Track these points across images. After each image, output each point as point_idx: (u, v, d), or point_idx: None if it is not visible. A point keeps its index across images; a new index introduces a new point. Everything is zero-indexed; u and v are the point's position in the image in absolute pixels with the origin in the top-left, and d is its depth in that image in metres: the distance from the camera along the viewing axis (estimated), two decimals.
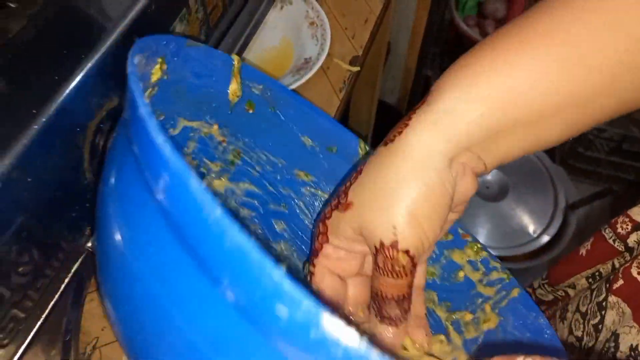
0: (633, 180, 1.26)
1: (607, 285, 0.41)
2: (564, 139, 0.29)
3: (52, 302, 0.35)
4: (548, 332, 0.35)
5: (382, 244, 0.28)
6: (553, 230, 1.11)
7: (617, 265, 0.44)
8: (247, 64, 0.38)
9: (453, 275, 0.41)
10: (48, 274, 0.34)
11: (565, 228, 1.12)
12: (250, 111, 0.40)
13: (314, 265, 0.33)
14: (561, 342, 0.34)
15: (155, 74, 0.31)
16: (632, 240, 0.42)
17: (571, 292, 0.51)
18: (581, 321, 0.43)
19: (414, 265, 0.28)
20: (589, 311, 0.43)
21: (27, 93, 0.30)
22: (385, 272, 0.28)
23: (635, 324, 0.37)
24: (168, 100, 0.35)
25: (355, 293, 0.34)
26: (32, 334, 0.35)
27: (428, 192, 0.27)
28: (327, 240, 0.32)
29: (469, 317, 0.40)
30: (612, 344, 0.38)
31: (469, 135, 0.27)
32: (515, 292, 0.38)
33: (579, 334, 0.43)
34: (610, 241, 0.45)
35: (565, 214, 1.12)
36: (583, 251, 0.48)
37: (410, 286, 0.29)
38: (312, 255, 0.33)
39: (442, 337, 0.41)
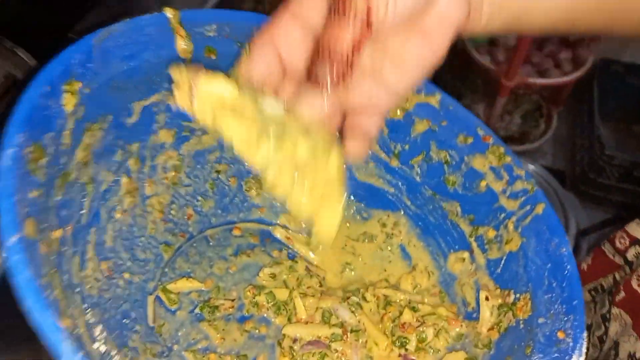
0: None
1: (610, 297, 0.43)
2: (561, 23, 0.30)
3: None
4: (569, 267, 0.32)
5: None
6: None
7: (617, 278, 0.46)
8: (188, 10, 0.33)
9: (475, 184, 0.38)
10: None
11: (576, 254, 1.12)
12: (213, 57, 0.35)
13: (260, 33, 0.29)
14: None
15: (69, 103, 0.28)
16: (631, 254, 0.44)
17: None
18: (586, 334, 0.45)
19: (369, 24, 0.25)
20: (593, 323, 0.44)
21: None
22: (335, 13, 0.25)
23: (634, 333, 0.39)
24: (107, 101, 0.31)
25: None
26: None
27: None
28: (286, 8, 0.28)
29: (492, 233, 0.38)
30: (613, 352, 0.40)
31: None
32: (540, 209, 0.35)
33: None
34: (610, 255, 0.46)
35: (577, 239, 1.13)
36: (584, 266, 0.50)
37: (355, 48, 0.26)
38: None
39: (466, 254, 0.39)
